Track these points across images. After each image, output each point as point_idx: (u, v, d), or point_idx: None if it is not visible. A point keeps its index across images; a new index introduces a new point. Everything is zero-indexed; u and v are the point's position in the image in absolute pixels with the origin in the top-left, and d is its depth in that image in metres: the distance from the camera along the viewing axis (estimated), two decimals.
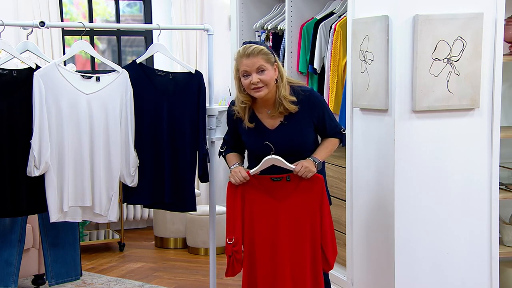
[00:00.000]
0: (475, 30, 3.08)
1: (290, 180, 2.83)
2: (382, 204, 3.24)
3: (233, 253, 2.82)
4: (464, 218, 3.23)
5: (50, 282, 3.42)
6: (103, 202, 3.14)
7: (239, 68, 2.82)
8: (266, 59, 2.80)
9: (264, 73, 2.79)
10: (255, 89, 2.80)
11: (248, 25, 4.87)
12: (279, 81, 2.85)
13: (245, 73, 2.80)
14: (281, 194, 2.84)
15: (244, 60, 2.79)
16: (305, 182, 2.82)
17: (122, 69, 3.15)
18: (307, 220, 2.83)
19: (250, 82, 2.78)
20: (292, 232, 2.84)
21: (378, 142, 3.25)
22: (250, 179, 2.84)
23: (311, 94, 2.93)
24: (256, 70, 2.78)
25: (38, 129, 2.93)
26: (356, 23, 3.35)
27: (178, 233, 5.17)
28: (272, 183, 2.84)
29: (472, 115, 3.19)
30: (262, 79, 2.78)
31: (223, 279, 4.30)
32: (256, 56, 2.78)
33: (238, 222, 2.84)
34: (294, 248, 2.84)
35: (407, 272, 3.18)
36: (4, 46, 3.00)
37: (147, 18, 5.82)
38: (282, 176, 2.83)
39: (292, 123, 2.87)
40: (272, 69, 2.82)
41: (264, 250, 2.85)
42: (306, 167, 2.80)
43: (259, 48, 2.80)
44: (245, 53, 2.79)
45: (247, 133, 2.92)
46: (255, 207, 2.85)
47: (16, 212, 3.06)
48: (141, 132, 3.21)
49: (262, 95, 2.82)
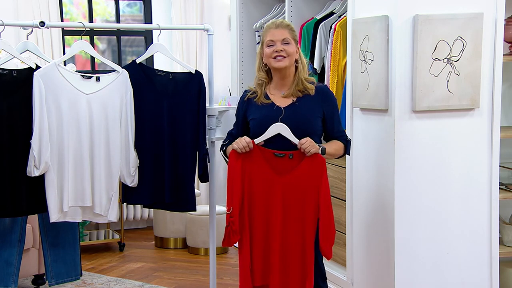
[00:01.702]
0: (475, 30, 3.08)
1: (293, 158, 2.82)
2: (382, 204, 3.24)
3: (230, 223, 2.83)
4: (464, 218, 3.23)
5: (50, 282, 3.41)
6: (103, 202, 3.14)
7: (265, 39, 2.92)
8: (292, 35, 2.92)
9: (289, 45, 2.89)
10: (277, 57, 2.87)
11: (248, 25, 4.87)
12: (300, 63, 2.94)
13: (270, 43, 2.90)
14: (282, 169, 2.84)
15: (272, 30, 2.91)
16: (307, 161, 2.81)
17: (122, 69, 3.15)
18: (303, 197, 2.82)
19: (273, 50, 2.87)
20: (287, 207, 2.84)
21: (378, 142, 3.25)
22: (253, 150, 2.84)
23: (327, 88, 3.07)
24: (282, 41, 2.88)
25: (38, 129, 2.93)
26: (356, 23, 3.35)
27: (178, 233, 5.17)
28: (275, 158, 2.84)
29: (472, 115, 3.19)
30: (286, 49, 2.87)
31: (223, 279, 4.30)
32: (284, 28, 2.91)
33: (237, 193, 2.84)
34: (287, 223, 2.84)
35: (407, 272, 3.18)
36: (4, 46, 3.00)
37: (147, 18, 5.82)
38: (285, 153, 2.83)
39: (303, 104, 2.90)
40: (295, 46, 2.92)
41: (259, 222, 2.86)
42: (311, 141, 2.80)
43: (287, 23, 2.96)
44: (274, 24, 2.93)
45: (256, 110, 2.92)
46: (254, 178, 2.85)
47: (16, 212, 3.06)
48: (141, 132, 3.21)
49: (282, 66, 2.88)
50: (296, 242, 2.84)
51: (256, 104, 2.94)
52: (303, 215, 2.83)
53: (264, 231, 2.86)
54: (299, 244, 2.84)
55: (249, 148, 2.83)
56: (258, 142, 2.85)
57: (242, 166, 2.85)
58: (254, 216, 2.87)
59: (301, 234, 2.84)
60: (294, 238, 2.84)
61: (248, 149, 2.83)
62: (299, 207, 2.83)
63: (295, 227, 2.84)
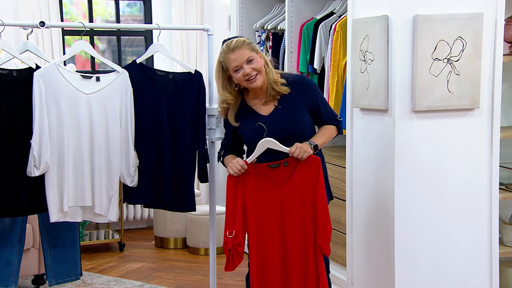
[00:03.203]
0: (475, 30, 3.08)
1: (288, 165, 2.82)
2: (382, 204, 3.24)
3: (234, 246, 2.80)
4: (464, 218, 3.23)
5: (50, 282, 3.41)
6: (103, 202, 3.14)
7: (229, 66, 2.82)
8: (251, 48, 2.82)
9: (254, 62, 2.80)
10: (250, 79, 2.81)
11: (248, 25, 4.87)
12: (266, 67, 2.87)
13: (236, 68, 2.80)
14: (280, 179, 2.83)
15: (230, 55, 2.80)
16: (302, 164, 2.80)
17: (122, 69, 3.15)
18: (303, 203, 2.82)
19: (243, 74, 2.80)
20: (296, 215, 2.82)
21: (378, 142, 3.25)
22: (248, 168, 2.83)
23: (301, 77, 3.00)
24: (246, 61, 2.79)
25: (38, 129, 2.93)
26: (356, 23, 3.35)
27: (178, 233, 5.17)
28: (270, 170, 2.83)
29: (472, 115, 3.19)
30: (254, 68, 2.80)
31: (223, 279, 4.30)
32: (241, 48, 2.80)
33: (239, 215, 2.82)
34: (299, 231, 2.82)
35: (407, 272, 3.18)
36: (4, 46, 3.00)
37: (147, 18, 5.82)
38: (279, 163, 2.82)
39: (286, 106, 2.87)
40: (258, 57, 2.84)
41: (272, 237, 2.83)
42: (301, 147, 2.78)
43: (242, 40, 2.83)
44: (230, 48, 2.81)
45: (243, 126, 2.91)
46: (257, 196, 2.84)
47: (16, 212, 3.06)
48: (141, 132, 3.21)
49: (259, 84, 2.83)
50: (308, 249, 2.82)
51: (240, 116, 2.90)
52: (305, 221, 2.83)
53: (280, 244, 2.83)
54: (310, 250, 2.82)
55: (243, 170, 2.82)
56: (250, 161, 2.84)
57: (241, 188, 2.84)
58: (263, 234, 2.84)
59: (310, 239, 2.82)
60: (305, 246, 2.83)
61: (243, 170, 2.82)
62: (301, 214, 2.83)
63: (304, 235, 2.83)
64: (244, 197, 2.84)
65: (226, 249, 2.83)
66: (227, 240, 2.82)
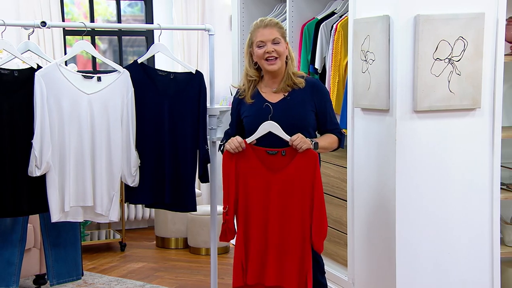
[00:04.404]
0: (477, 30, 3.08)
1: (285, 155, 2.82)
2: (383, 204, 3.23)
3: (226, 221, 2.86)
4: (465, 218, 3.23)
5: (52, 282, 3.42)
6: (104, 202, 3.14)
7: (254, 40, 2.90)
8: (281, 33, 2.90)
9: (279, 45, 2.87)
10: (269, 59, 2.86)
11: (249, 25, 4.81)
12: (289, 58, 2.93)
13: (260, 44, 2.88)
14: (275, 166, 2.84)
15: (261, 30, 2.88)
16: (300, 157, 2.81)
17: (123, 69, 3.15)
18: (298, 193, 2.83)
19: (264, 51, 2.86)
20: (283, 204, 2.84)
21: (379, 142, 3.25)
22: (246, 149, 2.84)
23: (317, 81, 3.06)
24: (272, 41, 2.86)
25: (40, 129, 2.93)
26: (357, 23, 3.35)
27: (179, 233, 5.17)
28: (267, 156, 2.84)
29: (473, 115, 3.19)
30: (276, 49, 2.86)
31: (224, 279, 4.30)
32: (273, 27, 2.88)
33: (232, 192, 2.85)
34: (284, 220, 2.84)
35: (408, 272, 3.18)
36: (6, 46, 3.00)
37: (148, 18, 5.82)
38: (278, 150, 2.83)
39: (294, 98, 2.90)
40: (284, 44, 2.90)
41: (257, 220, 2.86)
42: (302, 137, 2.80)
43: (275, 21, 2.92)
44: (263, 24, 2.89)
45: (249, 108, 2.92)
46: (249, 177, 2.86)
47: (18, 212, 3.06)
48: (142, 132, 3.21)
49: (275, 69, 2.88)
50: (293, 239, 2.84)
51: (247, 103, 2.94)
52: (298, 211, 2.83)
53: (260, 229, 2.87)
54: (296, 241, 2.84)
55: (241, 148, 2.83)
56: (250, 141, 2.86)
57: (236, 165, 2.86)
58: (249, 214, 2.88)
59: (297, 230, 2.83)
60: (291, 235, 2.84)
61: (241, 148, 2.83)
62: (294, 203, 2.83)
63: (291, 224, 2.84)
64: (238, 176, 2.86)
65: (222, 223, 2.89)
66: (223, 214, 2.88)
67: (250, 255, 2.87)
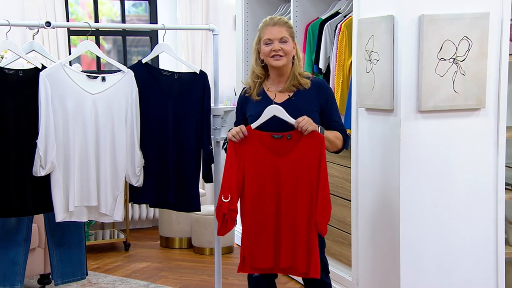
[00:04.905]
0: (481, 30, 3.07)
1: (291, 139, 2.81)
2: (388, 204, 3.23)
3: (229, 211, 2.80)
4: (469, 219, 3.22)
5: (56, 281, 3.42)
6: (109, 202, 3.14)
7: (262, 37, 2.91)
8: (290, 32, 2.90)
9: (286, 44, 2.87)
10: (275, 56, 2.86)
11: (253, 25, 4.86)
12: (296, 58, 2.93)
13: (268, 41, 2.88)
14: (281, 150, 2.83)
15: (269, 27, 2.89)
16: (305, 139, 2.79)
17: (128, 69, 3.16)
18: (304, 176, 2.81)
19: (271, 49, 2.87)
20: (289, 188, 2.82)
21: (383, 142, 3.24)
22: (250, 135, 2.83)
23: (323, 81, 3.06)
24: (279, 40, 2.86)
25: (44, 129, 2.94)
26: (362, 23, 3.35)
27: (183, 233, 5.18)
28: (273, 140, 2.83)
29: (478, 115, 3.18)
30: (283, 48, 2.86)
31: (228, 279, 4.30)
32: (281, 26, 2.88)
33: (236, 181, 2.83)
34: (293, 203, 2.82)
35: (413, 272, 3.17)
36: (10, 46, 3.01)
37: (153, 18, 5.83)
38: (283, 134, 2.82)
39: (299, 98, 2.90)
40: (292, 44, 2.90)
41: (267, 205, 2.83)
42: (309, 119, 2.79)
43: (285, 20, 2.92)
44: (272, 22, 2.90)
45: (254, 106, 2.92)
46: (255, 163, 2.84)
47: (22, 212, 3.07)
48: (146, 132, 3.21)
49: (280, 64, 2.88)
50: (301, 220, 2.81)
51: (253, 100, 2.94)
52: (306, 194, 2.81)
53: (271, 214, 2.83)
54: (304, 222, 2.81)
55: (242, 134, 2.83)
56: (254, 126, 2.85)
57: (240, 153, 2.84)
58: (258, 200, 2.84)
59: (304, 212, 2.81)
60: (299, 217, 2.81)
61: (242, 134, 2.83)
62: (301, 187, 2.81)
63: (299, 206, 2.81)
64: (243, 163, 2.84)
65: (221, 213, 2.81)
66: (221, 204, 2.81)
67: (261, 240, 2.84)
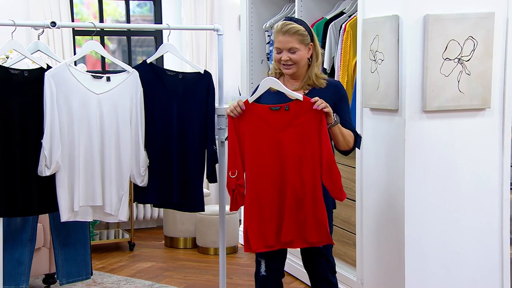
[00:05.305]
0: (486, 29, 3.07)
1: (289, 110, 2.79)
2: (392, 204, 3.23)
3: (237, 186, 2.81)
4: (474, 218, 3.22)
5: (61, 281, 3.43)
6: (114, 201, 3.15)
7: (274, 43, 2.92)
8: (301, 40, 2.87)
9: (295, 54, 2.86)
10: (284, 65, 2.89)
11: (258, 25, 4.87)
12: (313, 60, 2.91)
13: (278, 50, 2.90)
14: (280, 124, 2.81)
15: (279, 36, 2.88)
16: (304, 111, 2.76)
17: (132, 69, 3.16)
18: (307, 149, 2.78)
19: (280, 58, 2.88)
20: (292, 159, 2.79)
21: (388, 142, 3.24)
22: (248, 110, 2.82)
23: (339, 83, 3.05)
24: (288, 50, 2.86)
25: (49, 128, 2.94)
26: (366, 22, 3.35)
27: (187, 232, 5.18)
28: (271, 112, 2.80)
29: (483, 115, 3.18)
30: (292, 58, 2.86)
31: (232, 279, 4.30)
32: (291, 36, 2.85)
33: (238, 156, 2.83)
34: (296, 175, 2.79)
35: (417, 272, 3.17)
36: (16, 46, 3.01)
37: (157, 18, 5.83)
38: (281, 106, 2.80)
39: (314, 96, 2.85)
40: (305, 49, 2.88)
41: (269, 181, 2.81)
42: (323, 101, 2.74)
43: (296, 28, 2.87)
44: (282, 30, 2.87)
45: (269, 97, 2.90)
46: (254, 138, 2.83)
47: (27, 212, 3.07)
48: (151, 132, 3.21)
49: (289, 73, 2.90)
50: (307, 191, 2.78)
51: (271, 91, 2.91)
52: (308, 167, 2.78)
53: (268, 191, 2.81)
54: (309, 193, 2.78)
55: (240, 108, 2.82)
56: (252, 100, 2.84)
57: (238, 128, 2.83)
58: (261, 176, 2.82)
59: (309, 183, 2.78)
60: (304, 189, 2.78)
61: (240, 109, 2.82)
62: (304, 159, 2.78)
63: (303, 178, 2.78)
64: (243, 138, 2.84)
65: (230, 189, 2.84)
66: (230, 180, 2.83)
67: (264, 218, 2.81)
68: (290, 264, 4.18)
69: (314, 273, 3.02)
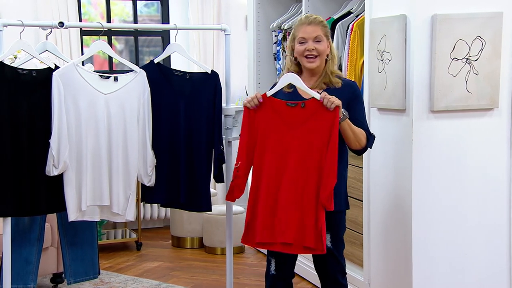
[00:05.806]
0: (494, 29, 3.05)
1: (305, 107, 2.78)
2: (400, 204, 3.22)
3: (236, 178, 2.84)
4: (482, 219, 3.20)
5: (69, 280, 3.44)
6: (121, 201, 3.15)
7: (297, 35, 2.89)
8: (325, 32, 2.89)
9: (320, 43, 2.86)
10: (309, 57, 2.86)
11: (265, 25, 4.87)
12: (330, 57, 2.91)
13: (302, 40, 2.87)
14: (294, 121, 2.80)
15: (304, 26, 2.87)
16: (319, 111, 2.75)
17: (140, 69, 3.16)
18: (316, 147, 2.77)
19: (305, 48, 2.86)
20: (301, 158, 2.78)
21: (395, 142, 3.23)
22: (265, 103, 2.82)
23: (354, 83, 3.02)
24: (314, 38, 2.85)
25: (57, 128, 2.95)
26: (374, 22, 3.34)
27: (194, 232, 5.19)
28: (287, 108, 2.81)
29: (491, 115, 3.17)
30: (317, 48, 2.85)
31: (240, 279, 4.30)
32: (317, 25, 2.87)
33: (245, 148, 2.84)
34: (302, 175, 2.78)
35: (425, 272, 3.16)
36: (24, 47, 3.02)
37: (164, 18, 5.84)
38: (297, 103, 2.80)
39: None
40: (326, 43, 2.89)
41: (270, 177, 2.81)
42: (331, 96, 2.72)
43: (320, 19, 2.91)
44: (307, 20, 2.88)
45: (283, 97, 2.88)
46: (268, 132, 2.83)
47: (35, 211, 3.08)
48: (158, 132, 3.22)
49: (313, 66, 2.87)
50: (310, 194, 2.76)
51: (283, 92, 2.92)
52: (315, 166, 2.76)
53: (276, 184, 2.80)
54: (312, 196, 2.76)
55: (257, 100, 2.82)
56: (270, 94, 2.85)
57: (253, 120, 2.84)
58: (264, 171, 2.82)
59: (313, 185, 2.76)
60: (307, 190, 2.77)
61: (257, 101, 2.82)
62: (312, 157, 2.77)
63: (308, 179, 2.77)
64: (256, 131, 2.84)
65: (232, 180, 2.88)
66: (234, 170, 2.86)
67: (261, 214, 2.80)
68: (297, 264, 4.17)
69: (324, 274, 3.01)
